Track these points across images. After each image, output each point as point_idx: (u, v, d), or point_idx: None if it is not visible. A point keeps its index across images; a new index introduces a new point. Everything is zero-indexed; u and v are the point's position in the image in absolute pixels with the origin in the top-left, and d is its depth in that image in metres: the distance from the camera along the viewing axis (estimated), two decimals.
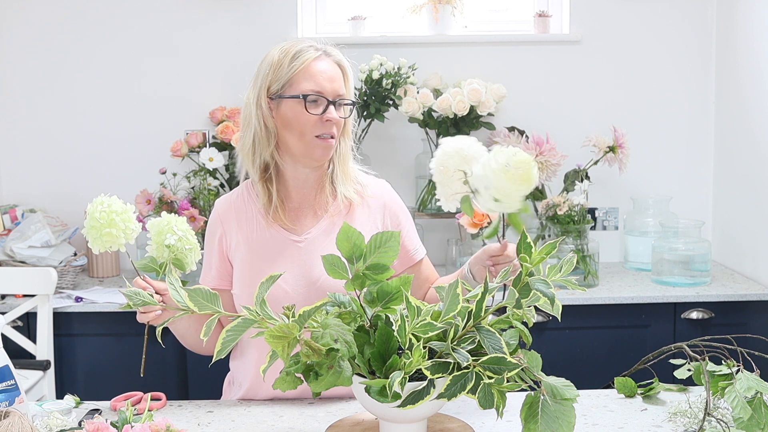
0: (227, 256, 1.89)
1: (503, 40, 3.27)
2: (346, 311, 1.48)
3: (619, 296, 2.80)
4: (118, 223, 1.61)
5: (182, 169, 3.13)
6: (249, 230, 1.87)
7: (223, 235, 1.89)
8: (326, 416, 1.71)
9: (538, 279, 1.42)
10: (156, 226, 1.66)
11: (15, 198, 3.26)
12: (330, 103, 1.80)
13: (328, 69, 1.82)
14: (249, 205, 1.89)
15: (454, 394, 1.37)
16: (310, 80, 1.79)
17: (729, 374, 1.57)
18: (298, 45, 1.83)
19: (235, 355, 1.95)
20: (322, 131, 1.80)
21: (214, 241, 1.90)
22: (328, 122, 1.80)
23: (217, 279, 1.89)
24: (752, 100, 2.97)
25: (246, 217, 1.88)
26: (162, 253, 1.66)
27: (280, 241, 1.85)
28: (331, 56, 1.84)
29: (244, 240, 1.86)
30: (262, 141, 1.83)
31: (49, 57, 3.24)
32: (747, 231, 3.03)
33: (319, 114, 1.79)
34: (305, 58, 1.80)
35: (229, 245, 1.88)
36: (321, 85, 1.80)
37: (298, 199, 1.88)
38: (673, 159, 3.31)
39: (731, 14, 3.12)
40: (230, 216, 1.89)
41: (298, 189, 1.87)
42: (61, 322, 2.79)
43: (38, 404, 1.71)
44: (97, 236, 1.62)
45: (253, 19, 3.22)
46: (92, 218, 1.62)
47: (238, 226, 1.88)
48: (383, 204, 1.93)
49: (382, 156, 3.25)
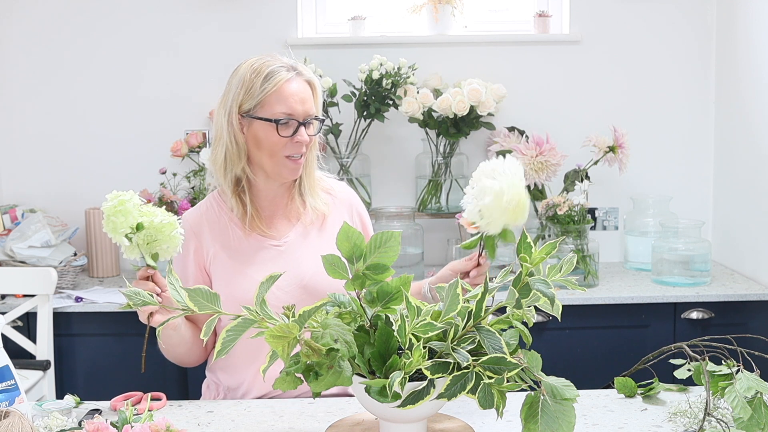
0: (205, 268, 1.90)
1: (503, 40, 3.27)
2: (346, 311, 1.48)
3: (619, 296, 2.80)
4: (131, 210, 1.61)
5: (182, 169, 3.13)
6: (226, 239, 1.89)
7: (199, 247, 1.90)
8: (326, 416, 1.71)
9: (538, 279, 1.42)
10: (111, 219, 1.62)
11: (15, 198, 3.26)
12: (301, 124, 1.84)
13: (299, 90, 1.84)
14: (221, 216, 1.92)
15: (454, 394, 1.37)
16: (282, 103, 1.82)
17: (729, 374, 1.57)
18: (269, 64, 1.85)
19: (214, 367, 1.96)
20: (291, 152, 1.85)
21: (189, 254, 1.90)
22: (297, 143, 1.84)
23: None
24: (752, 100, 2.97)
25: (219, 227, 1.90)
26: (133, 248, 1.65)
27: (260, 247, 1.89)
28: (302, 75, 1.87)
29: (223, 249, 1.89)
30: (233, 157, 1.86)
31: (50, 57, 3.24)
32: (747, 231, 3.03)
33: (289, 136, 1.83)
34: (277, 80, 1.82)
35: (206, 257, 1.90)
36: (292, 108, 1.83)
37: (270, 209, 1.93)
38: (673, 159, 3.31)
39: (731, 14, 3.12)
40: (203, 228, 1.91)
41: (269, 200, 1.93)
42: (61, 322, 2.79)
43: (38, 404, 1.71)
44: (111, 227, 1.61)
45: (253, 19, 3.22)
46: (106, 208, 1.63)
47: (212, 237, 1.90)
48: (350, 204, 2.02)
49: (382, 156, 3.25)
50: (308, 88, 1.87)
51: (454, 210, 3.10)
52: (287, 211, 1.94)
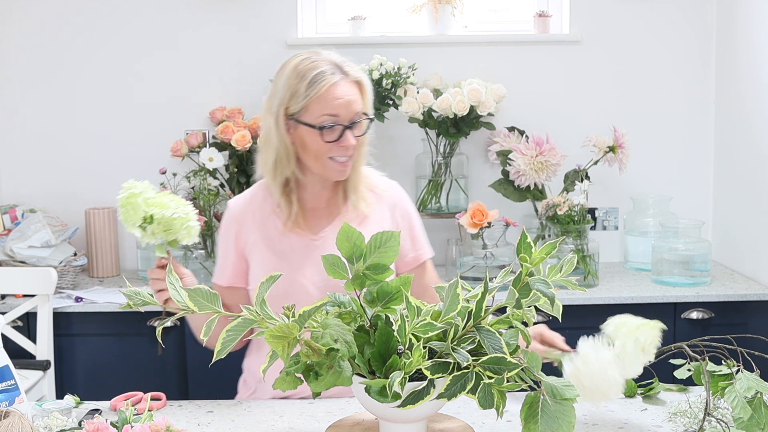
0: (244, 254, 1.92)
1: (503, 40, 3.27)
2: (346, 311, 1.48)
3: (619, 296, 2.79)
4: (139, 205, 1.63)
5: (182, 169, 3.13)
6: (266, 230, 1.90)
7: (239, 233, 1.92)
8: (326, 416, 1.71)
9: (538, 279, 1.42)
10: (122, 210, 1.66)
11: (15, 198, 3.26)
12: (346, 128, 1.81)
13: (345, 93, 1.81)
14: (264, 206, 1.92)
15: (454, 394, 1.37)
16: (326, 108, 1.79)
17: (729, 374, 1.57)
18: (315, 66, 1.81)
19: (251, 351, 1.96)
20: (337, 155, 1.83)
21: (230, 239, 1.92)
22: (343, 147, 1.81)
23: (233, 277, 1.92)
24: (752, 100, 2.97)
25: (262, 216, 1.91)
26: (149, 235, 1.67)
27: (296, 240, 1.89)
28: (349, 75, 1.83)
29: (261, 239, 1.89)
30: (283, 160, 1.86)
31: (49, 57, 3.23)
32: (747, 231, 3.03)
33: (333, 141, 1.81)
34: (322, 85, 1.79)
35: (245, 243, 1.91)
36: (337, 112, 1.80)
37: (313, 202, 1.92)
38: (673, 159, 3.31)
39: (731, 14, 3.12)
40: (246, 216, 1.92)
41: (314, 194, 1.92)
42: (61, 322, 2.79)
43: (38, 404, 1.71)
44: (123, 217, 1.64)
45: (254, 18, 3.22)
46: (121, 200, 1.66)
47: (254, 226, 1.91)
48: (394, 204, 1.97)
49: (382, 156, 3.21)
50: (355, 89, 1.83)
51: (454, 210, 3.10)
52: (329, 205, 1.93)
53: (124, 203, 1.65)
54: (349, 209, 1.92)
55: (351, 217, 1.90)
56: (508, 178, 3.08)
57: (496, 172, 3.17)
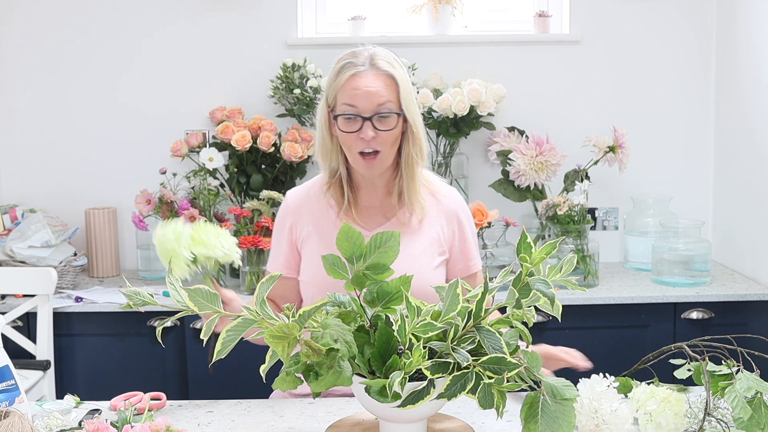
0: (296, 246, 1.94)
1: (503, 40, 3.27)
2: (346, 311, 1.48)
3: (619, 296, 2.79)
4: (179, 255, 1.64)
5: (182, 169, 3.13)
6: (320, 222, 1.92)
7: (294, 225, 1.94)
8: (326, 416, 1.71)
9: (538, 279, 1.42)
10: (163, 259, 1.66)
11: (15, 198, 3.26)
12: (366, 119, 1.80)
13: (365, 84, 1.80)
14: (320, 198, 1.94)
15: (454, 394, 1.37)
16: (345, 98, 1.81)
17: (729, 374, 1.57)
18: (347, 57, 1.84)
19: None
20: (362, 148, 1.83)
21: (284, 230, 1.95)
22: (362, 139, 1.81)
23: (285, 267, 1.94)
24: (752, 100, 2.97)
25: (319, 208, 1.93)
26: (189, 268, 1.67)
27: None
28: (378, 68, 1.82)
29: (316, 231, 1.91)
30: (326, 150, 1.89)
31: (49, 57, 3.24)
32: (747, 231, 3.03)
33: (351, 131, 1.81)
34: (343, 76, 1.81)
35: (299, 235, 1.93)
36: (355, 103, 1.80)
37: (368, 200, 1.93)
38: (673, 159, 3.31)
39: (731, 14, 3.12)
40: (301, 208, 1.95)
41: (367, 191, 1.93)
42: (61, 322, 2.79)
43: (38, 404, 1.71)
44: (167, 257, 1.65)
45: (254, 18, 3.22)
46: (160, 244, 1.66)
47: (309, 218, 1.93)
48: (452, 211, 1.96)
49: None
50: (380, 81, 1.80)
51: None
52: (383, 205, 1.93)
53: (163, 253, 1.64)
54: (405, 212, 1.91)
55: (405, 220, 1.90)
56: (508, 178, 3.08)
57: (496, 172, 3.17)
